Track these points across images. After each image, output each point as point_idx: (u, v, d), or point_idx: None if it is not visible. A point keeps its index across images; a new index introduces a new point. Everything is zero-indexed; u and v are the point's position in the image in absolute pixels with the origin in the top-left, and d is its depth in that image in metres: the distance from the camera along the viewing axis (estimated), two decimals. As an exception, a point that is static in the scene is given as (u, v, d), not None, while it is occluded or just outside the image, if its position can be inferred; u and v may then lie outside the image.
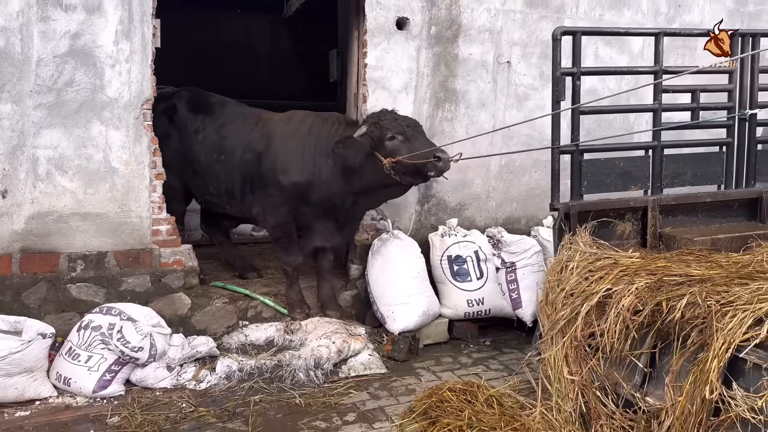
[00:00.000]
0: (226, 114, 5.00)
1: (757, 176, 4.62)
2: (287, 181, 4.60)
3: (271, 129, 4.78)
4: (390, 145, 4.33)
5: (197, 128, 4.96)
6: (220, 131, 4.91)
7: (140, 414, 3.74)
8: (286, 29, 12.63)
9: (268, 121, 4.88)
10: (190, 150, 4.99)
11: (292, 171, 4.59)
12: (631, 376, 3.31)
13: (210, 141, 4.91)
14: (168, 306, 4.61)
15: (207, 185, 4.97)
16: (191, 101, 5.06)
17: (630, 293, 3.33)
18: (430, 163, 4.27)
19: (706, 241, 4.04)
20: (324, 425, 3.63)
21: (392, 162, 4.28)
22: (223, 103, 5.10)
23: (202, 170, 4.95)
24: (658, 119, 4.29)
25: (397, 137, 4.33)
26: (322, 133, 4.62)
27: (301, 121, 4.74)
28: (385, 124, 4.36)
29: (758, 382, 2.66)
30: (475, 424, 3.34)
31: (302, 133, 4.67)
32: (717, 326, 2.83)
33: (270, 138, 4.73)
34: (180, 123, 5.02)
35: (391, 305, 4.71)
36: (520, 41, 5.43)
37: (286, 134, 4.70)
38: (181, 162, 4.95)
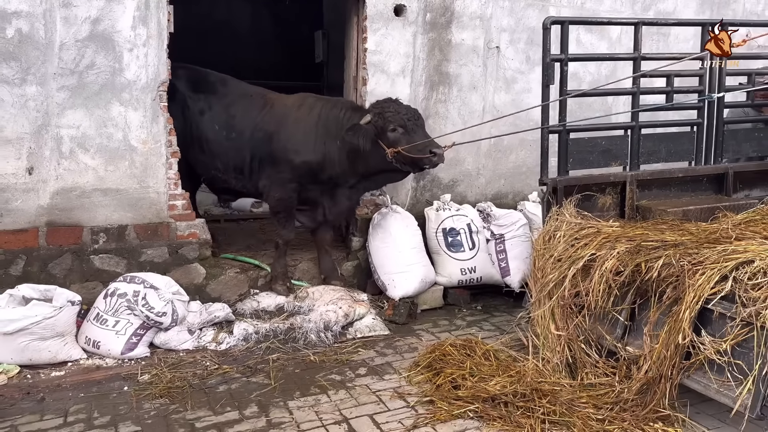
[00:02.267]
0: (230, 93, 5.17)
1: (724, 153, 5.09)
2: (299, 160, 4.88)
3: (283, 112, 5.03)
4: (392, 136, 4.65)
5: (202, 108, 5.12)
6: (228, 110, 5.09)
7: (168, 372, 4.09)
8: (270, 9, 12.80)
9: (278, 103, 5.12)
10: (196, 128, 5.13)
11: (304, 151, 4.88)
12: (613, 329, 3.77)
13: (219, 120, 5.09)
14: (184, 275, 4.93)
15: (214, 162, 5.15)
16: (191, 80, 5.16)
17: (612, 257, 3.77)
18: (426, 158, 4.63)
19: (678, 212, 4.49)
20: (339, 378, 4.03)
21: (393, 152, 4.63)
22: (224, 81, 5.26)
23: (209, 148, 5.12)
24: (637, 101, 4.71)
25: (398, 129, 4.64)
26: (330, 118, 4.91)
27: (311, 107, 5.01)
28: (388, 116, 4.66)
29: (723, 329, 3.12)
30: (476, 372, 3.77)
31: (313, 117, 4.94)
32: (689, 282, 3.28)
33: (282, 120, 4.99)
34: (180, 102, 5.10)
35: (392, 274, 5.10)
36: (508, 27, 5.80)
37: (298, 118, 4.97)
38: (183, 140, 5.02)
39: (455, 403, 3.52)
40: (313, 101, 5.08)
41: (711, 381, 3.12)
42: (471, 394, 3.54)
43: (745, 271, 3.13)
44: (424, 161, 4.67)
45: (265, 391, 3.86)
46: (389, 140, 4.66)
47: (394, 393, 3.79)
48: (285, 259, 5.20)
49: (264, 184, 5.08)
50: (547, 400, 3.44)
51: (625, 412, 3.35)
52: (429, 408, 3.57)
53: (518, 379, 3.62)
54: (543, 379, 3.69)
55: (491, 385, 3.58)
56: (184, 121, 5.12)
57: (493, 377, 3.68)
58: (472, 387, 3.60)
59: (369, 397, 3.76)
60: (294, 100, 5.12)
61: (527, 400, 3.45)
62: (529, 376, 3.63)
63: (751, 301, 3.00)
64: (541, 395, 3.48)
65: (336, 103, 5.07)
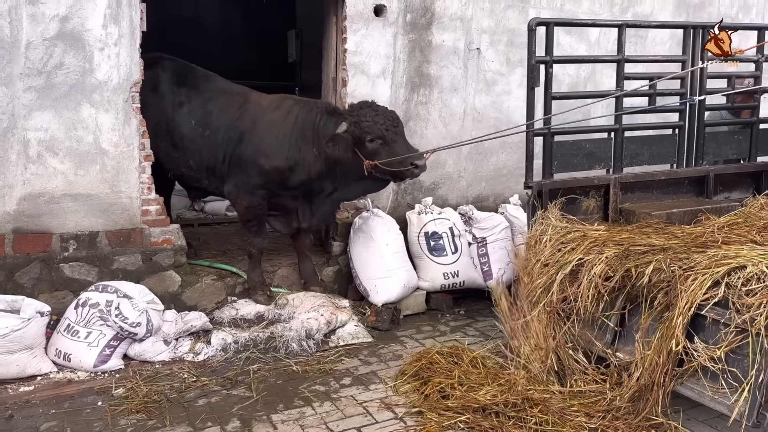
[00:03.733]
0: (211, 89, 4.98)
1: (704, 156, 5.11)
2: (269, 165, 4.66)
3: (258, 112, 4.81)
4: (370, 147, 4.45)
5: (181, 101, 4.91)
6: (206, 106, 4.88)
7: (144, 385, 3.92)
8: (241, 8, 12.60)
9: (255, 102, 4.90)
10: (171, 121, 4.91)
11: (275, 156, 4.65)
12: (602, 335, 3.73)
13: (195, 115, 4.88)
14: (159, 283, 4.75)
15: (186, 158, 4.94)
16: (176, 73, 5.00)
17: (601, 261, 3.73)
18: (408, 171, 4.48)
19: (662, 215, 4.48)
20: (323, 389, 3.91)
21: (371, 165, 4.45)
22: (207, 77, 5.08)
23: (183, 144, 4.91)
24: (620, 104, 4.69)
25: (376, 140, 4.44)
26: (307, 123, 4.69)
27: (288, 110, 4.79)
28: (365, 126, 4.43)
29: (717, 335, 3.10)
30: (465, 381, 3.68)
31: (289, 121, 4.72)
32: (681, 288, 3.24)
33: (256, 121, 4.77)
34: (162, 93, 4.93)
35: (374, 279, 5.00)
36: (488, 29, 5.74)
37: (273, 120, 4.75)
38: (157, 132, 4.86)
39: (445, 413, 3.43)
40: (291, 104, 4.86)
41: (705, 388, 3.09)
42: (461, 405, 3.45)
43: (738, 276, 3.10)
44: (405, 174, 4.53)
45: (246, 404, 3.72)
46: (368, 151, 4.46)
47: (381, 404, 3.69)
48: (261, 267, 5.03)
49: (230, 189, 4.86)
50: (538, 409, 3.38)
51: (618, 420, 3.30)
52: (418, 419, 3.47)
53: (508, 388, 3.55)
54: (532, 387, 3.62)
55: (481, 395, 3.50)
56: (161, 112, 4.90)
57: (483, 386, 3.61)
58: (462, 397, 3.52)
59: (355, 409, 3.65)
60: (270, 101, 4.90)
61: (518, 410, 3.38)
62: (520, 385, 3.55)
63: (746, 308, 2.98)
64: (533, 404, 3.41)
65: (313, 106, 4.82)
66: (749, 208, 4.69)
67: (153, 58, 5.00)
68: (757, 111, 5.31)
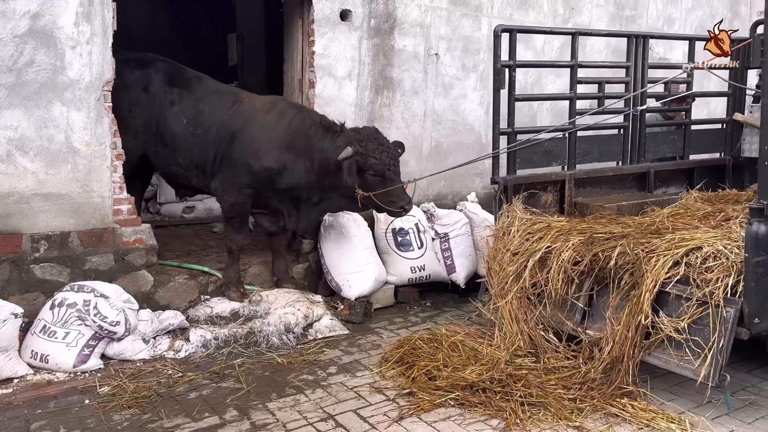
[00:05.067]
0: (202, 89, 5.04)
1: (646, 154, 5.58)
2: (258, 166, 4.73)
3: (250, 113, 4.88)
4: (369, 179, 4.55)
5: (173, 99, 4.95)
6: (197, 105, 4.92)
7: (130, 382, 3.92)
8: (178, 11, 12.42)
9: (247, 103, 4.96)
10: (163, 119, 4.94)
11: (265, 157, 4.72)
12: (572, 315, 4.05)
13: (186, 114, 4.91)
14: (132, 283, 4.72)
15: (176, 156, 4.97)
16: (168, 74, 5.04)
17: (568, 248, 4.07)
18: (397, 212, 4.70)
19: (613, 207, 4.89)
20: (312, 378, 4.04)
21: (363, 196, 4.56)
22: (199, 78, 5.13)
23: (173, 142, 4.94)
24: (573, 106, 5.07)
25: (377, 177, 4.55)
26: (300, 131, 4.75)
27: (282, 113, 4.86)
28: (371, 162, 4.50)
29: (680, 309, 3.47)
30: (449, 363, 3.91)
31: (282, 125, 4.79)
32: (645, 268, 3.61)
33: (247, 121, 4.83)
34: (153, 93, 4.96)
35: (346, 274, 5.16)
36: (446, 36, 6.04)
37: (265, 122, 4.82)
38: (147, 131, 4.93)
39: (435, 393, 3.65)
40: (285, 107, 4.95)
41: (671, 357, 3.45)
42: (449, 384, 3.68)
43: (696, 256, 3.49)
44: (394, 214, 4.76)
45: (239, 395, 3.80)
46: (364, 181, 4.57)
47: (371, 388, 3.86)
48: (238, 264, 5.09)
49: (216, 186, 4.94)
50: (521, 384, 3.65)
51: (593, 391, 3.61)
52: (410, 399, 3.67)
53: (492, 367, 3.80)
54: (512, 365, 3.89)
55: (467, 374, 3.74)
56: (152, 112, 4.95)
57: (467, 366, 3.84)
58: (449, 377, 3.74)
59: (347, 394, 3.80)
60: (263, 103, 4.99)
61: (504, 385, 3.64)
62: (502, 363, 3.81)
63: (705, 283, 3.36)
64: (516, 380, 3.68)
65: (307, 115, 4.88)
66: (686, 200, 5.18)
67: (146, 58, 5.05)
68: (689, 114, 5.84)
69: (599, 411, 3.48)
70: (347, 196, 4.72)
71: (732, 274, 3.33)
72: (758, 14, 8.38)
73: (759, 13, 8.37)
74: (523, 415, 3.42)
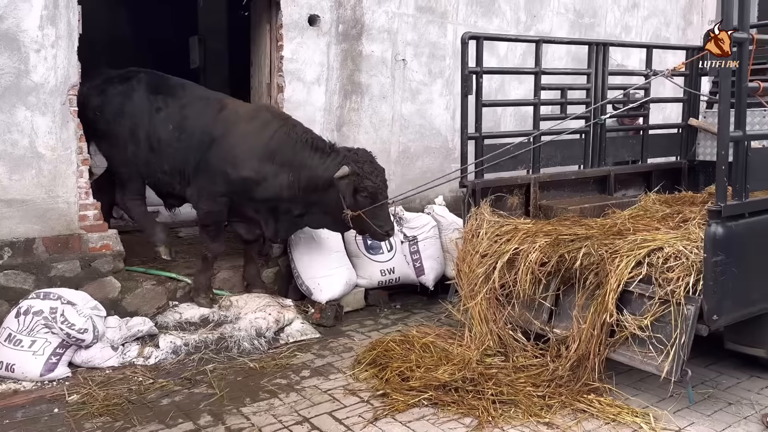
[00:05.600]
0: (188, 95, 5.00)
1: (606, 158, 5.76)
2: (236, 175, 4.68)
3: (232, 119, 4.82)
4: (359, 200, 4.61)
5: (159, 106, 4.90)
6: (183, 111, 4.89)
7: (100, 390, 3.88)
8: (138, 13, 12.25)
9: (231, 110, 4.91)
10: (150, 127, 4.89)
11: (244, 167, 4.67)
12: (539, 314, 4.16)
13: (172, 119, 4.86)
14: (99, 290, 4.66)
15: (162, 162, 4.92)
16: (151, 84, 4.99)
17: (535, 250, 4.19)
18: (381, 235, 4.78)
19: (576, 210, 5.05)
20: (285, 382, 4.05)
21: (353, 215, 4.61)
22: (183, 85, 5.10)
23: (159, 147, 4.88)
24: (538, 112, 5.21)
25: (368, 198, 4.62)
26: (285, 145, 4.71)
27: (266, 123, 4.80)
28: (367, 184, 4.58)
29: (643, 307, 3.60)
30: (422, 364, 3.98)
31: (265, 135, 4.73)
32: (609, 269, 3.74)
33: (229, 128, 4.77)
34: (138, 103, 4.92)
35: (317, 278, 5.18)
36: (412, 42, 6.13)
37: (247, 131, 4.76)
38: (134, 140, 4.89)
39: (408, 393, 3.71)
40: (269, 118, 4.88)
41: (635, 353, 3.58)
42: (422, 384, 3.75)
43: (658, 256, 3.64)
44: (377, 237, 4.84)
45: (212, 400, 3.79)
46: (356, 201, 4.62)
47: (345, 390, 3.89)
48: (210, 272, 5.07)
49: (192, 193, 4.90)
50: (492, 382, 3.74)
51: (561, 387, 3.72)
52: (384, 400, 3.72)
53: (463, 366, 3.88)
54: (482, 364, 3.98)
55: (440, 374, 3.81)
56: (140, 120, 4.92)
57: (439, 367, 3.92)
58: (422, 377, 3.81)
59: (322, 397, 3.83)
60: (247, 110, 4.95)
61: (475, 384, 3.72)
62: (474, 363, 3.90)
63: (666, 282, 3.51)
64: (487, 379, 3.77)
65: (290, 130, 4.79)
66: (645, 202, 5.37)
67: (128, 72, 5.07)
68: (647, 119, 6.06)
69: (567, 407, 3.59)
70: (331, 214, 4.77)
71: (692, 273, 3.47)
72: (709, 23, 8.75)
73: (710, 21, 8.74)
74: (494, 412, 3.50)
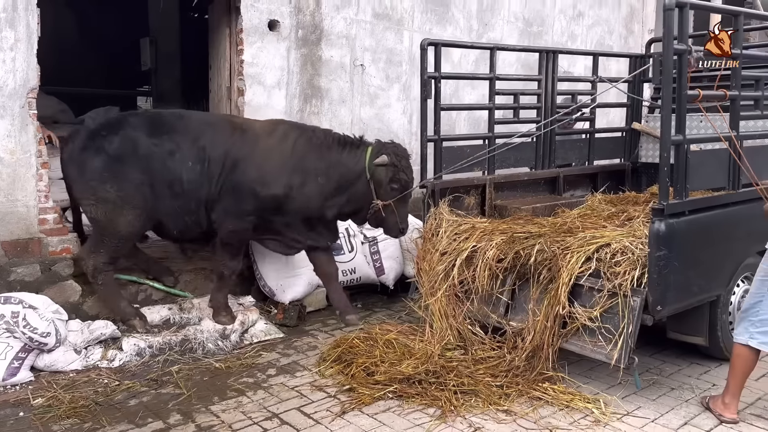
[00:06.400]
0: (192, 126, 4.72)
1: (555, 160, 6.04)
2: (265, 193, 4.61)
3: (252, 139, 4.70)
4: (391, 191, 4.71)
5: (171, 149, 4.59)
6: (197, 143, 4.63)
7: (66, 393, 3.88)
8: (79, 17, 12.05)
9: (246, 128, 4.77)
10: (167, 173, 4.58)
11: (272, 183, 4.61)
12: (496, 308, 4.36)
13: (191, 155, 4.61)
14: (59, 294, 4.64)
15: (189, 203, 4.66)
16: (148, 126, 4.65)
17: (492, 247, 4.39)
18: (395, 231, 4.92)
19: (529, 209, 5.27)
20: (252, 380, 4.13)
21: (382, 205, 4.71)
22: (180, 116, 4.87)
23: (184, 188, 4.61)
24: (492, 116, 5.44)
25: (395, 192, 4.72)
26: (310, 150, 4.70)
27: (284, 135, 4.74)
28: (402, 177, 4.70)
29: (592, 299, 3.84)
30: (386, 359, 4.12)
31: (286, 147, 4.68)
32: (561, 264, 3.96)
33: (250, 148, 4.66)
34: (144, 152, 4.55)
35: (279, 279, 5.27)
36: (370, 47, 6.28)
37: (269, 146, 4.68)
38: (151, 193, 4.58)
39: (374, 387, 3.85)
40: (287, 129, 4.82)
41: (586, 343, 3.82)
42: (387, 378, 3.89)
43: (606, 252, 3.88)
44: (392, 232, 4.95)
45: (180, 400, 3.85)
46: (388, 192, 4.72)
47: (312, 386, 4.01)
48: (227, 289, 4.93)
49: (217, 215, 4.69)
50: (453, 374, 3.91)
51: (518, 377, 3.93)
52: (351, 395, 3.85)
53: (426, 360, 4.05)
54: (444, 358, 4.16)
55: (404, 368, 3.96)
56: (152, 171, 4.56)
57: (403, 361, 4.07)
58: (387, 371, 3.95)
59: (289, 393, 3.93)
60: (263, 127, 4.83)
61: (438, 377, 3.89)
62: (435, 357, 4.07)
63: (614, 276, 3.75)
64: (448, 371, 3.94)
65: (313, 132, 4.81)
66: (592, 202, 5.66)
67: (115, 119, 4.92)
68: (593, 124, 6.37)
69: (524, 395, 3.80)
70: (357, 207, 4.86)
71: (637, 267, 3.72)
72: (649, 32, 9.22)
73: (650, 31, 9.21)
74: (456, 402, 3.68)
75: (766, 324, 3.47)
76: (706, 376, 4.21)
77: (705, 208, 4.01)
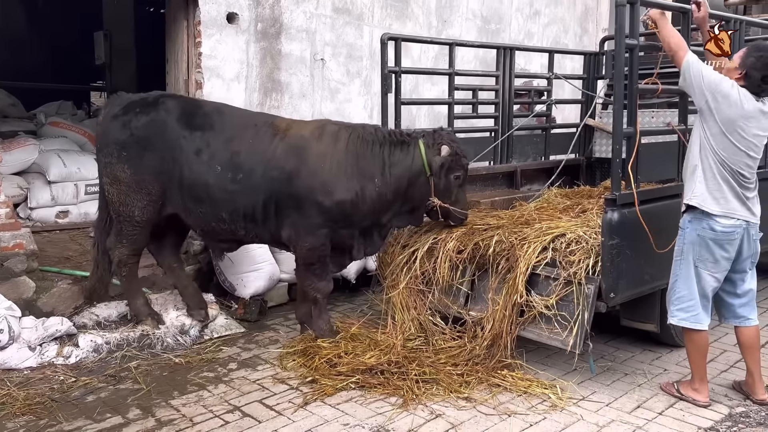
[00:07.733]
0: (229, 124, 4.40)
1: (513, 155, 6.15)
2: (329, 202, 4.23)
3: (301, 144, 4.31)
4: (453, 182, 4.41)
5: (199, 147, 4.30)
6: (230, 146, 4.31)
7: (20, 390, 3.80)
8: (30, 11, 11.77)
9: (292, 133, 4.39)
10: (189, 172, 4.32)
11: (336, 191, 4.24)
12: (456, 299, 4.44)
13: (220, 159, 4.29)
14: (12, 290, 4.52)
15: (217, 211, 4.35)
16: (183, 115, 4.37)
17: (453, 239, 4.47)
18: (459, 219, 4.52)
19: (488, 202, 5.37)
20: (213, 374, 4.11)
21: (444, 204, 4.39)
22: (220, 111, 4.49)
23: (209, 194, 4.31)
24: (452, 111, 5.51)
25: (459, 179, 4.45)
26: (363, 150, 4.34)
27: (335, 137, 4.35)
28: (464, 162, 4.44)
29: (549, 288, 3.94)
30: (350, 351, 4.15)
31: (339, 149, 4.30)
32: (519, 254, 4.06)
33: (302, 154, 4.28)
34: (171, 141, 4.32)
35: (240, 274, 5.24)
36: (331, 42, 6.28)
37: (322, 152, 4.29)
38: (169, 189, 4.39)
39: (337, 378, 3.88)
40: (336, 130, 4.41)
41: (543, 330, 3.92)
42: (350, 369, 3.93)
43: (561, 242, 3.99)
44: (457, 220, 4.54)
45: (139, 395, 3.81)
46: (449, 184, 4.42)
47: (274, 379, 4.01)
48: (327, 313, 4.61)
49: (289, 234, 4.36)
50: (415, 363, 3.97)
51: (478, 365, 4.02)
52: (313, 386, 3.86)
53: (388, 351, 4.09)
54: (406, 348, 4.21)
55: (367, 359, 4.00)
56: (174, 165, 4.33)
57: (366, 352, 4.10)
58: (350, 362, 3.99)
59: (251, 386, 3.93)
60: (312, 130, 4.41)
61: (400, 367, 3.94)
62: (398, 347, 4.12)
63: (569, 264, 3.86)
64: (410, 361, 4.00)
65: (361, 133, 4.41)
66: (548, 196, 5.79)
67: (152, 98, 4.48)
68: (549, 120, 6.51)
69: (484, 383, 3.88)
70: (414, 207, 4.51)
71: (591, 256, 3.84)
72: (603, 30, 9.45)
73: (604, 29, 9.44)
74: (418, 391, 3.74)
75: (683, 301, 3.66)
76: (658, 362, 4.36)
77: (655, 198, 4.15)
